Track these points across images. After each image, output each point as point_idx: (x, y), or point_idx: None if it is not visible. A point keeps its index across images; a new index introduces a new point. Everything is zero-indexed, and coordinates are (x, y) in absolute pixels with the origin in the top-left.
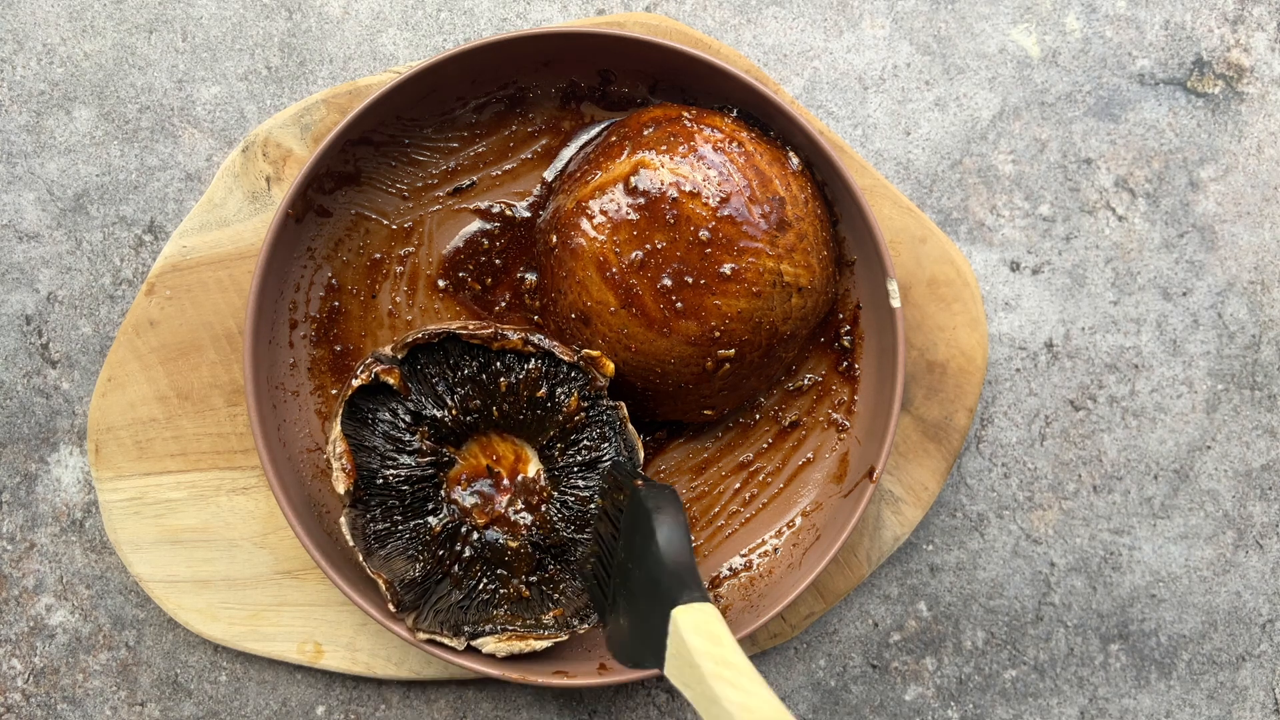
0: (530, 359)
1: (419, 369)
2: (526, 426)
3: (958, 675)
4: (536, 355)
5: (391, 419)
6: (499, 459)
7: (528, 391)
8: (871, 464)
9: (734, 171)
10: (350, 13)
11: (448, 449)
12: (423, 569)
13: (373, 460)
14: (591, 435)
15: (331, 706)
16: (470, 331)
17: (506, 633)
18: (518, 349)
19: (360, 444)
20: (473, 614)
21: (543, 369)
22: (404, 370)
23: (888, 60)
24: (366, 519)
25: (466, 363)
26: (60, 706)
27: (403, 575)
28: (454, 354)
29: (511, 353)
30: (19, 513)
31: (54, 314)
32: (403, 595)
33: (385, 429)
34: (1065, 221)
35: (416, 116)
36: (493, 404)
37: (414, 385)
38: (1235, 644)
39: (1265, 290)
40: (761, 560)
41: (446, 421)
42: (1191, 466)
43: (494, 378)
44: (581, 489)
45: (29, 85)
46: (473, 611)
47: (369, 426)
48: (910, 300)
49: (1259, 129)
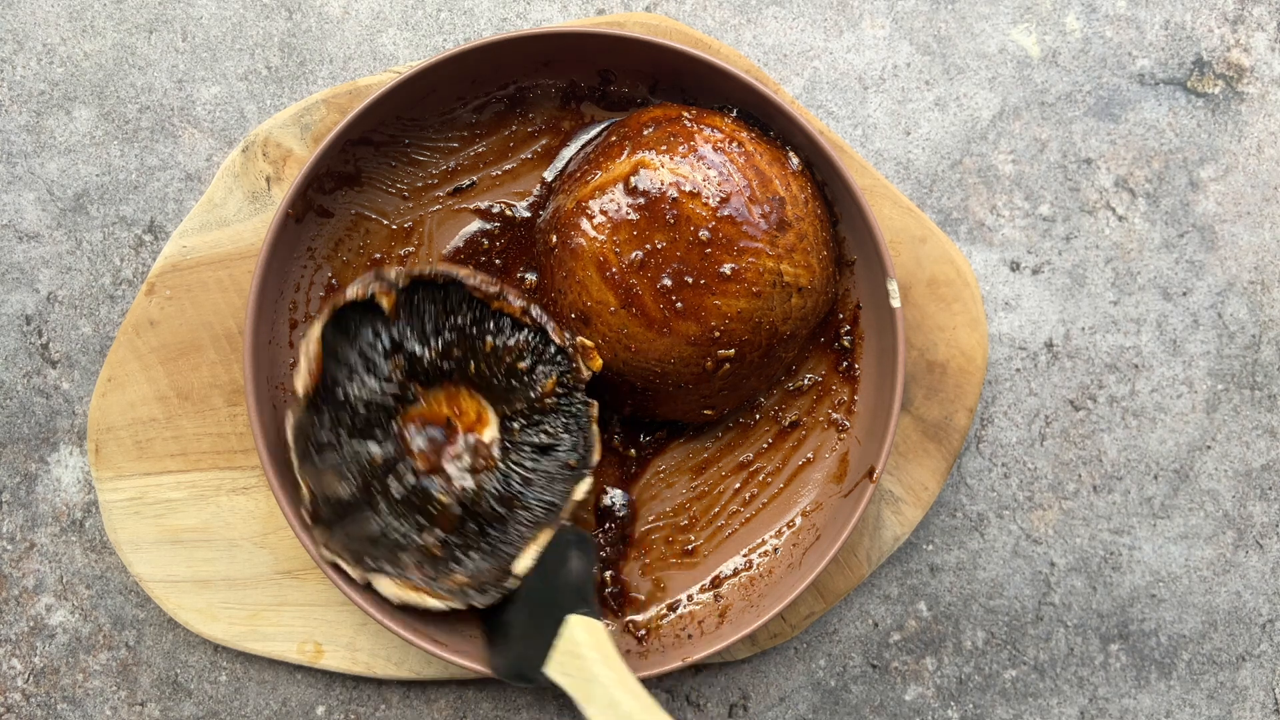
0: (523, 329)
1: (414, 302)
2: (497, 392)
3: (958, 675)
4: (530, 328)
5: (372, 339)
6: (460, 413)
7: (510, 359)
8: (871, 464)
9: (734, 171)
10: (350, 13)
11: (415, 386)
12: (349, 492)
13: (339, 371)
14: (555, 423)
15: (331, 706)
16: (476, 284)
17: (406, 580)
18: (515, 315)
19: (333, 353)
20: (381, 551)
21: (532, 343)
22: (400, 298)
23: (888, 60)
24: (314, 425)
25: (462, 311)
26: (60, 706)
27: (329, 491)
28: (453, 299)
29: (508, 317)
30: (19, 513)
31: (54, 314)
32: (322, 509)
33: (363, 347)
34: (1065, 221)
35: (416, 116)
36: (473, 359)
37: (404, 314)
38: (1235, 644)
39: (1265, 290)
40: (761, 560)
41: (423, 360)
42: (1191, 466)
43: (482, 335)
44: (527, 469)
45: (29, 85)
46: (382, 549)
47: (348, 339)
48: (910, 300)
49: (1259, 129)
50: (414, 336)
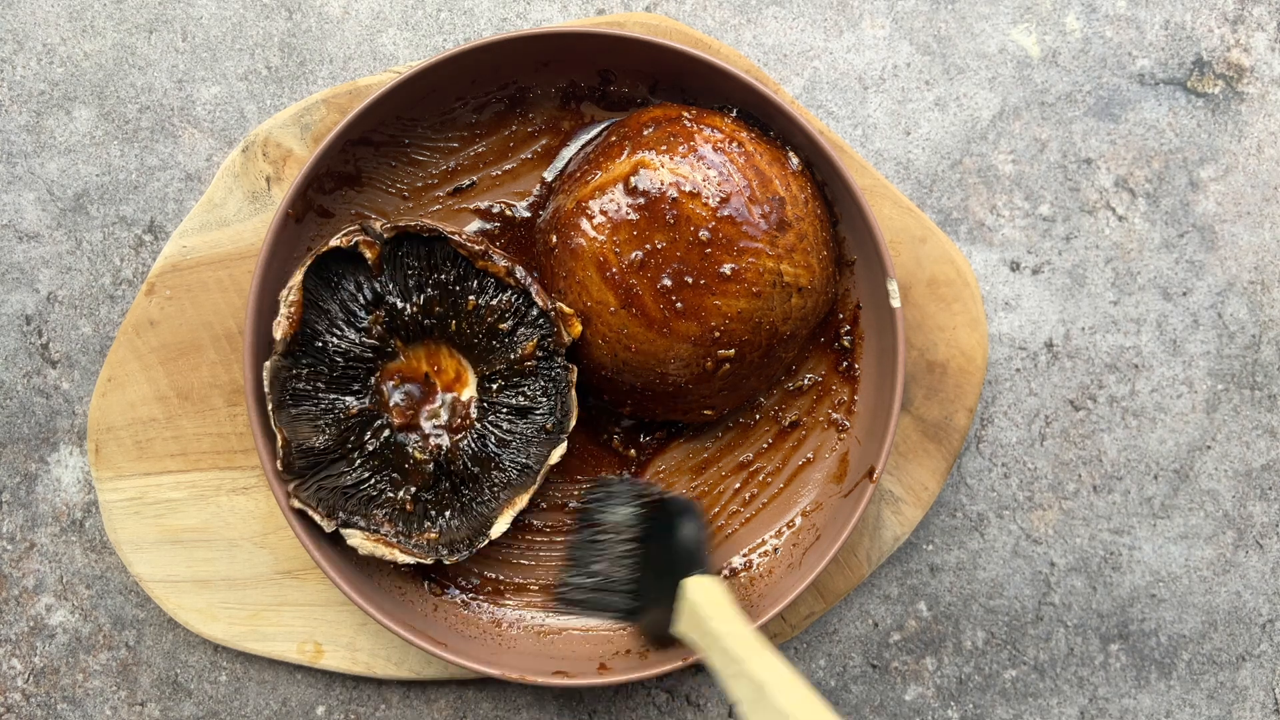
0: (507, 290)
1: (399, 256)
2: (477, 351)
3: (958, 675)
4: (514, 289)
5: (354, 290)
6: (439, 371)
7: (491, 319)
8: (871, 464)
9: (734, 171)
10: (350, 13)
11: (395, 341)
12: (324, 443)
13: (320, 321)
14: (534, 386)
15: (331, 706)
16: (461, 240)
17: (376, 534)
18: (499, 275)
19: (315, 302)
20: (352, 504)
21: (514, 304)
22: (384, 250)
23: (888, 60)
24: (291, 373)
25: (446, 269)
26: (60, 706)
27: (304, 441)
28: (438, 255)
29: (492, 276)
30: (19, 513)
31: (54, 314)
32: (295, 459)
33: (344, 298)
34: (1065, 221)
35: (416, 116)
36: (454, 317)
37: (388, 268)
38: (1235, 644)
39: (1265, 290)
40: (761, 560)
41: (405, 315)
42: (1191, 466)
43: (465, 293)
44: (503, 430)
45: (29, 85)
46: (353, 502)
47: (330, 288)
48: (910, 300)
49: (1259, 129)
50: (396, 290)
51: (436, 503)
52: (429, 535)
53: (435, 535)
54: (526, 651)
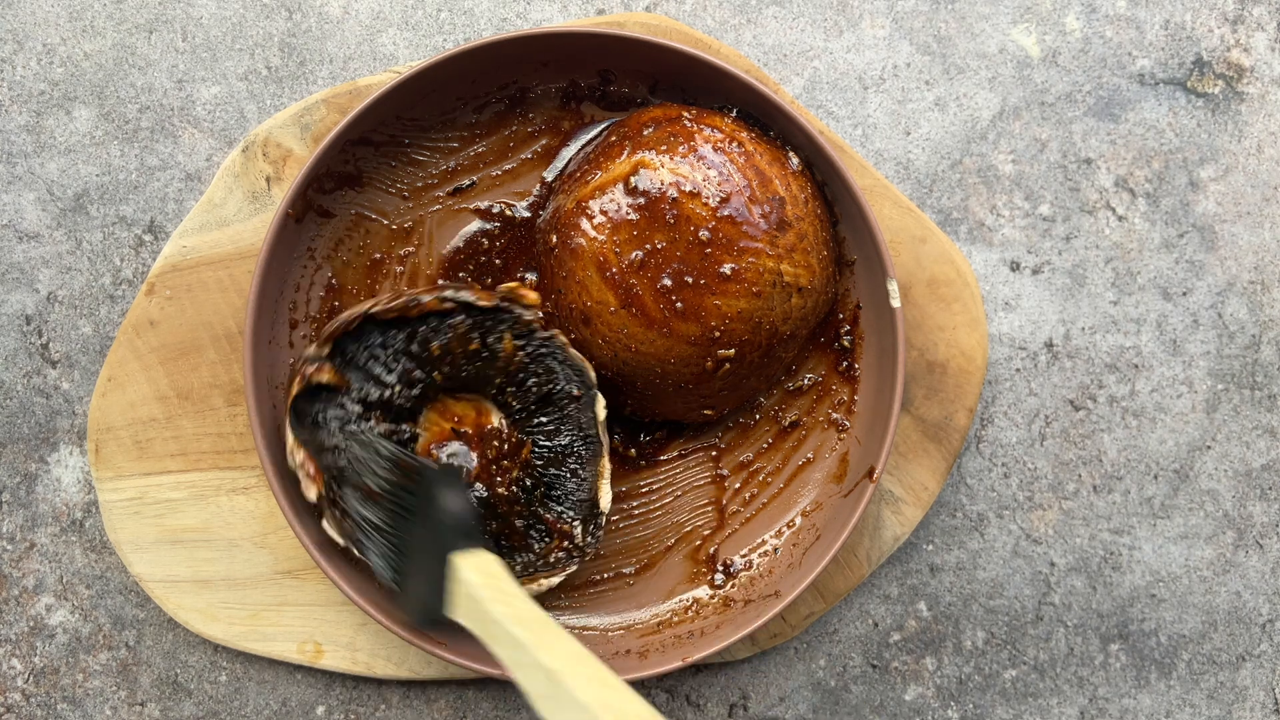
0: (453, 315)
1: (350, 359)
2: (473, 381)
3: (958, 675)
4: (456, 309)
5: (342, 414)
6: (460, 419)
7: (461, 348)
8: (871, 464)
9: (734, 171)
10: (350, 13)
11: (406, 425)
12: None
13: (339, 459)
14: (537, 371)
15: (331, 706)
16: (385, 306)
17: (527, 575)
18: (436, 309)
19: (320, 446)
20: None
21: (468, 321)
22: (336, 364)
23: (888, 60)
24: (344, 511)
25: (393, 338)
26: (60, 706)
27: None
28: (379, 333)
29: (434, 314)
30: (19, 513)
31: (54, 314)
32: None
33: (338, 426)
34: (1065, 221)
35: (416, 116)
36: (433, 370)
37: (352, 375)
38: (1235, 644)
39: (1265, 290)
40: (761, 560)
41: (395, 400)
42: (1191, 466)
43: (425, 345)
44: (546, 424)
45: (29, 85)
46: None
47: (323, 428)
48: (910, 300)
49: (1259, 129)
50: (372, 387)
51: (537, 516)
52: (556, 549)
53: (560, 542)
54: None
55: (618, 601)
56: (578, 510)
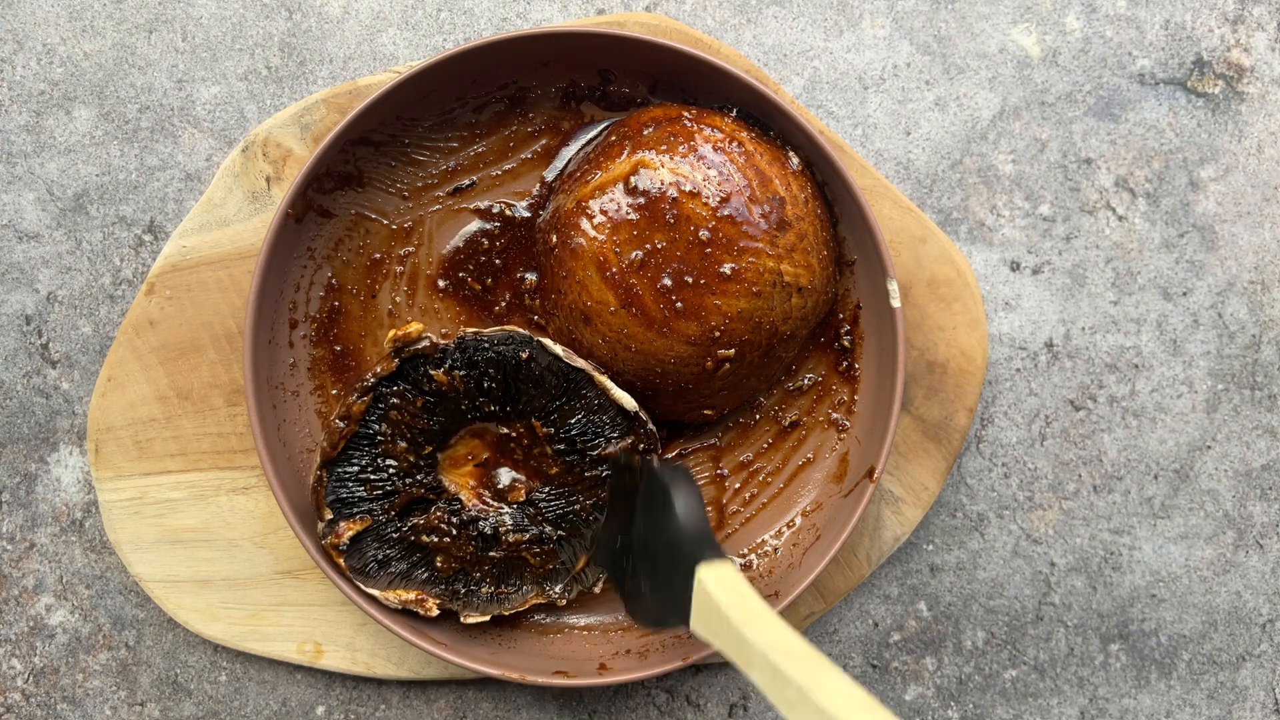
0: (367, 393)
1: (348, 501)
2: (451, 425)
3: (958, 675)
4: (364, 389)
5: (385, 544)
6: (472, 456)
7: (408, 416)
8: (871, 464)
9: (734, 171)
10: (350, 13)
11: (440, 500)
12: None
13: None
14: (486, 372)
15: (331, 706)
16: (331, 445)
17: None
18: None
19: (402, 575)
20: (524, 582)
21: (389, 389)
22: (344, 516)
23: (888, 60)
24: (370, 552)
25: (357, 459)
26: (60, 706)
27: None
28: (346, 465)
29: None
30: (19, 513)
31: (54, 314)
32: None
33: (395, 555)
34: (1065, 221)
35: (416, 116)
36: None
37: (361, 511)
38: (1235, 644)
39: (1265, 290)
40: (761, 560)
41: (411, 491)
42: (1191, 466)
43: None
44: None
45: (29, 85)
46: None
47: (386, 564)
48: (910, 300)
49: (1259, 129)
50: (381, 502)
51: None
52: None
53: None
54: (526, 651)
55: (619, 601)
56: (614, 422)
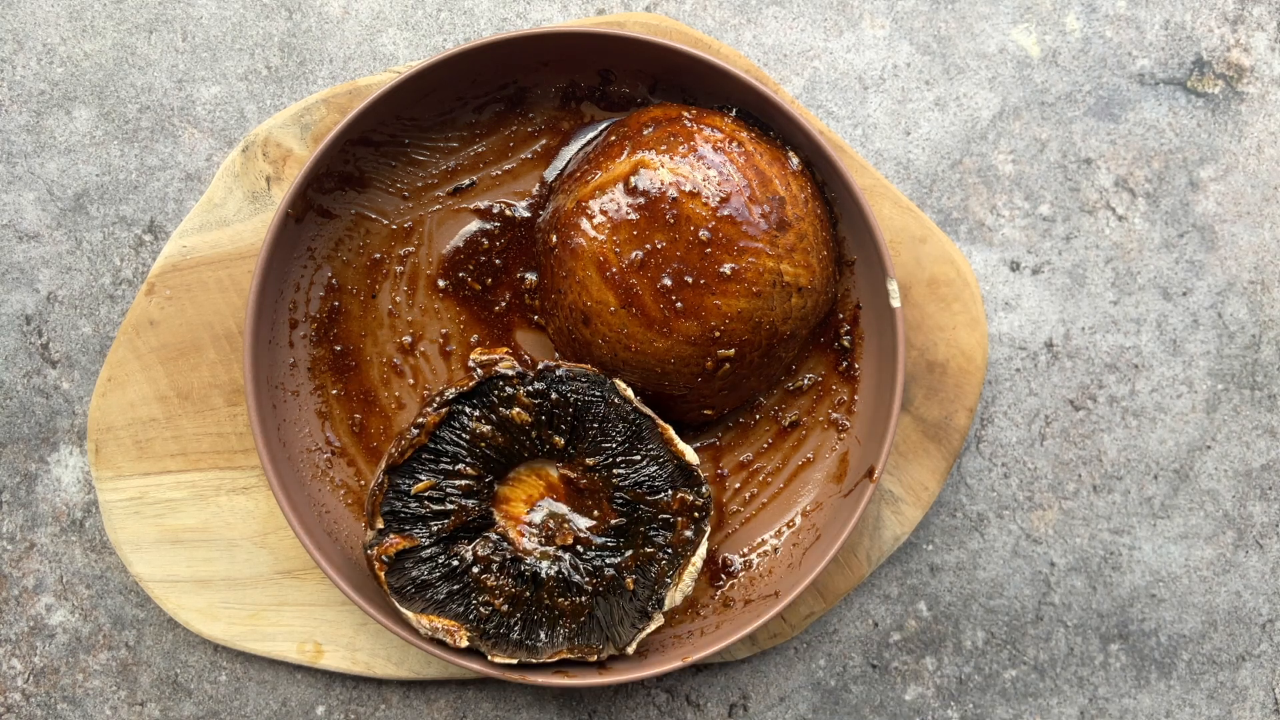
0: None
1: (402, 516)
2: (511, 457)
3: (958, 675)
4: (473, 396)
5: (429, 566)
6: (528, 498)
7: (480, 435)
8: (871, 464)
9: (734, 171)
10: (350, 13)
11: (495, 533)
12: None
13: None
14: (559, 405)
15: (331, 706)
16: (399, 453)
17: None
18: (438, 421)
19: (438, 602)
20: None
21: (479, 410)
22: (395, 530)
23: (888, 60)
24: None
25: (420, 471)
26: (60, 706)
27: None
28: (421, 469)
29: (442, 424)
30: (19, 513)
31: (54, 314)
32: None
33: (438, 575)
34: (1065, 221)
35: (416, 116)
36: (479, 467)
37: (414, 529)
38: (1235, 644)
39: (1265, 290)
40: (761, 560)
41: (467, 517)
42: (1191, 466)
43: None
44: (594, 442)
45: (29, 85)
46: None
47: (432, 586)
48: (910, 300)
49: (1259, 129)
50: (432, 523)
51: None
52: (683, 529)
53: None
54: None
55: None
56: (672, 477)
